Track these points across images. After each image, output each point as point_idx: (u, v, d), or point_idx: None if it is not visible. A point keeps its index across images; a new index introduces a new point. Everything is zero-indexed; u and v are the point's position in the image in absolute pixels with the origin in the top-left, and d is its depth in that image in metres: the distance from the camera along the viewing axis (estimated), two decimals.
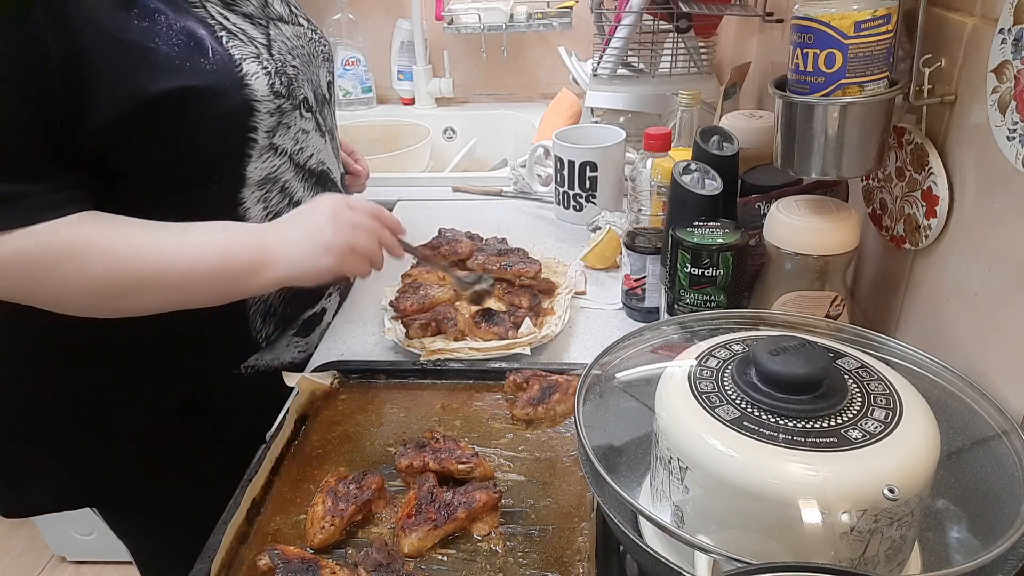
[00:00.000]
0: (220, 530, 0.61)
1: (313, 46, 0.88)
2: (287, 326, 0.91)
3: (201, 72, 0.70)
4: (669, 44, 1.36)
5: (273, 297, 0.87)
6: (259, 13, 0.80)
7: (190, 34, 0.70)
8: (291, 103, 0.80)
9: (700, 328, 0.64)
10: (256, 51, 0.76)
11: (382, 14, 1.89)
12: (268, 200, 0.81)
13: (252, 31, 0.78)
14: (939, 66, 0.62)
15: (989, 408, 0.52)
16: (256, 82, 0.74)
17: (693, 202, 0.78)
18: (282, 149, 0.81)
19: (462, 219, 1.25)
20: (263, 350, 0.89)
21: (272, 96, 0.76)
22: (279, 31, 0.82)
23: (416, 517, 0.62)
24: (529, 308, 0.92)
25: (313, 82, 0.86)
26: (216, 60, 0.71)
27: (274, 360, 0.91)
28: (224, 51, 0.73)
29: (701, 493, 0.46)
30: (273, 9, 0.83)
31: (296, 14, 0.88)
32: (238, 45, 0.75)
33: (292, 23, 0.85)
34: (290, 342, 0.92)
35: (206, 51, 0.71)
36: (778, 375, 0.46)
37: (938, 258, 0.66)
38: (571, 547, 0.61)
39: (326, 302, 0.97)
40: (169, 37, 0.69)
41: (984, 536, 0.46)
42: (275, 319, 0.89)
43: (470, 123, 1.86)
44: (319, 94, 0.88)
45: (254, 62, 0.75)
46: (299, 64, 0.82)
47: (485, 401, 0.80)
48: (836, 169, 0.68)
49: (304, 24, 0.88)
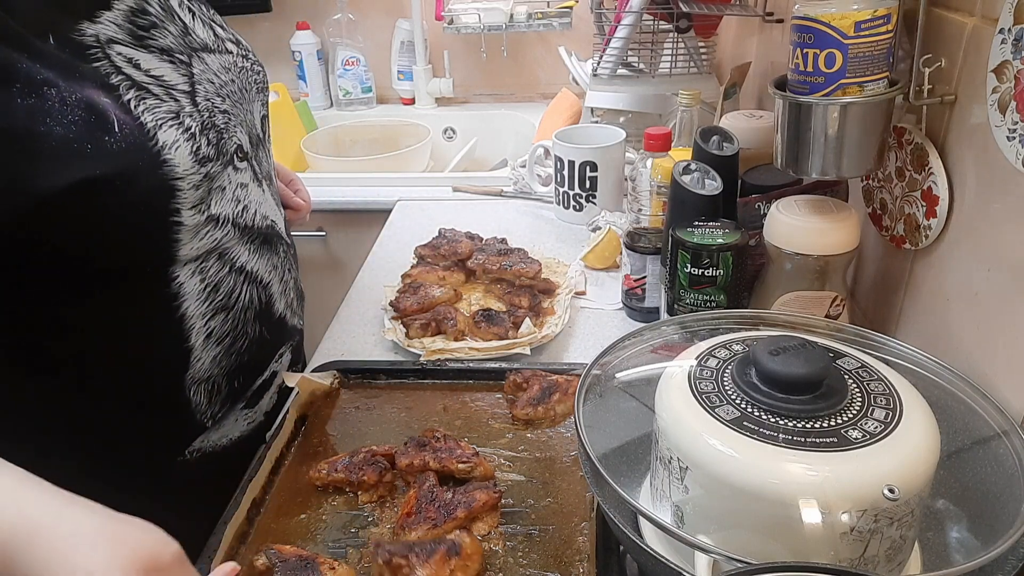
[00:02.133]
0: (220, 530, 0.61)
1: (245, 77, 0.76)
2: (235, 401, 0.80)
3: (106, 155, 0.58)
4: (669, 44, 1.36)
5: (216, 375, 0.76)
6: (178, 45, 0.68)
7: (89, 106, 0.58)
8: (221, 162, 0.69)
9: (700, 328, 0.64)
10: (175, 107, 0.65)
11: (382, 14, 1.89)
12: (205, 272, 0.71)
13: (170, 75, 0.66)
14: (939, 66, 0.62)
15: (989, 408, 0.52)
16: (176, 154, 0.63)
17: (693, 202, 0.78)
18: (223, 217, 0.70)
19: (462, 219, 1.25)
20: (209, 430, 0.78)
21: (197, 165, 0.65)
22: (204, 67, 0.70)
23: (416, 516, 0.62)
24: (529, 308, 0.92)
25: (248, 123, 0.75)
26: (124, 136, 0.59)
27: (222, 439, 0.80)
28: (133, 121, 0.61)
29: (701, 493, 0.46)
30: (195, 37, 0.71)
31: (222, 39, 0.75)
32: (152, 107, 0.63)
33: (219, 51, 0.73)
34: (238, 416, 0.81)
35: (110, 126, 0.59)
36: (778, 375, 0.46)
37: (938, 258, 0.66)
38: (571, 547, 0.61)
39: (276, 364, 0.86)
40: (63, 115, 0.56)
41: (984, 536, 0.46)
42: (220, 397, 0.78)
43: (470, 123, 1.86)
44: (254, 136, 0.77)
45: (173, 125, 0.63)
46: (230, 106, 0.72)
47: (485, 401, 0.79)
48: (836, 169, 0.68)
49: (233, 50, 0.76)
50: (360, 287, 1.07)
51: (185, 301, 0.70)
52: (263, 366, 0.84)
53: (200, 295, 0.72)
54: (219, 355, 0.75)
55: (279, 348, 0.86)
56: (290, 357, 0.90)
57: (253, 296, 0.78)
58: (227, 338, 0.76)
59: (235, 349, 0.77)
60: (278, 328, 0.84)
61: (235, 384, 0.79)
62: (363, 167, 1.57)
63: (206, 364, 0.74)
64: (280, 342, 0.86)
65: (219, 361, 0.76)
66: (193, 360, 0.73)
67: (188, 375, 0.73)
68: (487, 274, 0.99)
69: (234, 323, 0.76)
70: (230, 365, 0.78)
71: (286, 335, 0.87)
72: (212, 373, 0.76)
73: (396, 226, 1.29)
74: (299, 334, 0.92)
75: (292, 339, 0.89)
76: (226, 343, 0.76)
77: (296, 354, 0.92)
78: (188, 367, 0.73)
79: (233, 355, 0.77)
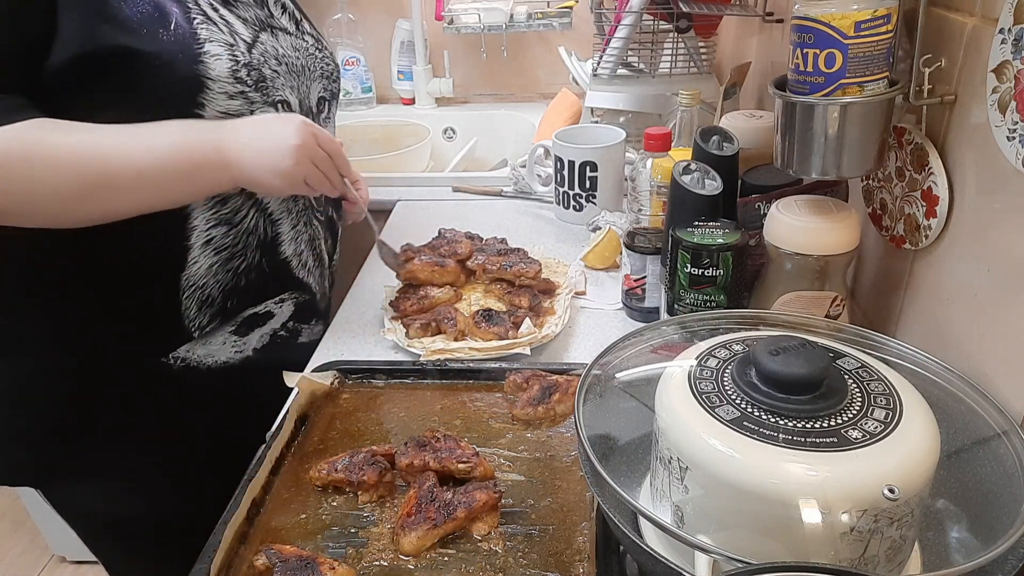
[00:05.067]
0: (220, 530, 0.61)
1: (312, 61, 0.87)
2: (224, 320, 0.86)
3: (155, 41, 0.70)
4: (669, 44, 1.36)
5: (211, 285, 0.82)
6: (254, 18, 0.81)
7: (157, 5, 0.71)
8: (262, 96, 0.79)
9: (700, 328, 0.64)
10: (231, 41, 0.76)
11: (382, 14, 1.89)
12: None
13: (238, 26, 0.78)
14: (939, 66, 0.62)
15: (989, 408, 0.52)
16: (215, 62, 0.74)
17: (693, 202, 0.78)
18: None
19: (462, 219, 1.25)
20: (195, 341, 0.84)
21: (232, 79, 0.75)
22: (273, 40, 0.82)
23: (416, 516, 0.62)
24: (529, 308, 0.92)
25: (300, 92, 0.85)
26: (176, 34, 0.72)
27: (206, 356, 0.86)
28: (189, 28, 0.73)
29: (701, 493, 0.46)
30: (276, 21, 0.84)
31: (304, 31, 0.88)
32: (211, 32, 0.75)
33: (295, 36, 0.85)
34: (226, 339, 0.87)
35: (168, 24, 0.71)
36: (778, 375, 0.46)
37: (938, 258, 0.66)
38: (571, 547, 0.61)
39: (275, 307, 0.91)
40: (136, 3, 0.70)
41: (984, 536, 0.46)
42: (211, 310, 0.84)
43: (470, 123, 1.86)
44: (305, 106, 0.87)
45: (223, 47, 0.75)
46: (283, 71, 0.82)
47: (485, 401, 0.80)
48: (836, 169, 0.68)
49: (309, 40, 0.88)
50: (360, 287, 1.07)
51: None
52: (259, 298, 0.89)
53: (207, 201, 0.79)
54: (216, 265, 0.81)
55: (280, 291, 0.91)
56: (293, 309, 0.94)
57: (258, 223, 0.84)
58: (225, 251, 0.82)
59: (232, 267, 0.83)
60: (281, 269, 0.89)
61: (228, 305, 0.85)
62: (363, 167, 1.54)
63: (202, 269, 0.81)
64: (282, 286, 0.91)
65: (215, 273, 0.82)
66: (190, 262, 0.80)
67: (184, 276, 0.80)
68: (487, 274, 0.99)
69: (234, 240, 0.82)
70: (226, 281, 0.84)
71: (290, 282, 0.92)
72: (207, 282, 0.82)
73: (396, 226, 1.29)
74: (309, 293, 0.96)
75: (298, 291, 0.93)
76: (224, 256, 0.82)
77: (304, 314, 0.96)
78: (184, 267, 0.79)
79: (230, 272, 0.83)
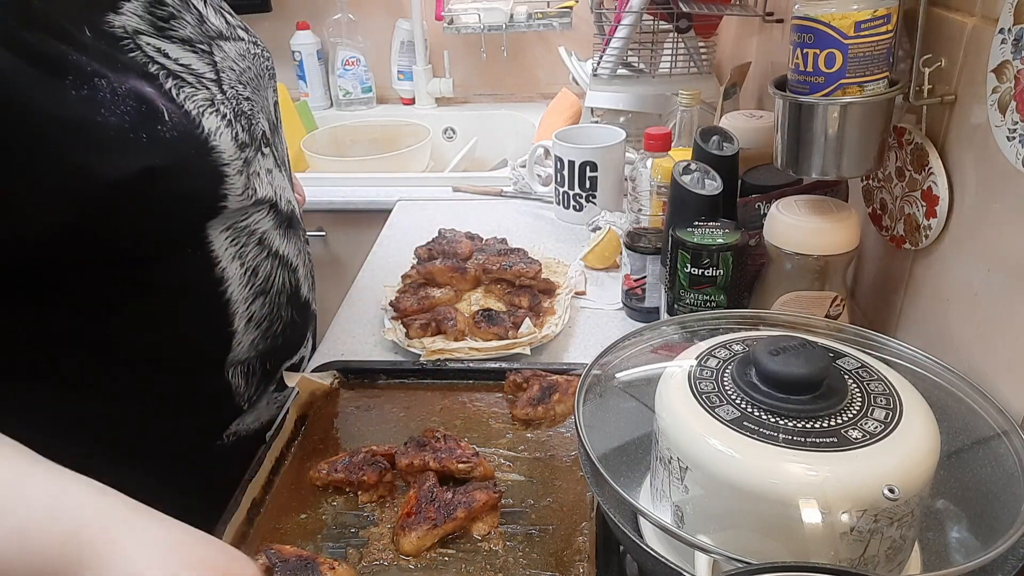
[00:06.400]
0: (220, 530, 0.61)
1: (259, 64, 0.76)
2: (268, 383, 0.82)
3: (160, 144, 0.59)
4: (669, 44, 1.36)
5: (251, 356, 0.78)
6: (197, 34, 0.68)
7: (138, 97, 0.59)
8: (254, 148, 0.70)
9: (700, 328, 0.64)
10: (209, 95, 0.65)
11: (382, 14, 1.89)
12: (244, 256, 0.73)
13: (197, 64, 0.66)
14: (939, 66, 0.62)
15: (989, 408, 0.52)
16: (221, 140, 0.64)
17: (693, 202, 0.78)
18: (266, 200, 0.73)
19: (462, 219, 1.25)
20: (245, 413, 0.80)
21: (238, 151, 0.66)
22: (224, 55, 0.70)
23: (416, 516, 0.62)
24: (529, 308, 0.92)
25: (266, 110, 0.76)
26: (175, 125, 0.60)
27: (255, 422, 0.82)
28: (179, 110, 0.61)
29: (701, 493, 0.46)
30: (211, 25, 0.71)
31: (233, 26, 0.75)
32: (190, 95, 0.63)
33: (233, 39, 0.73)
34: (270, 400, 0.83)
35: (160, 115, 0.60)
36: (778, 375, 0.46)
37: (938, 258, 0.66)
38: (571, 547, 0.61)
39: (304, 350, 0.88)
40: (115, 105, 0.57)
41: (984, 536, 0.46)
42: (256, 379, 0.80)
43: (470, 123, 1.86)
44: (271, 121, 0.78)
45: (212, 112, 0.64)
46: (251, 93, 0.72)
47: (485, 401, 0.79)
48: (836, 169, 0.68)
49: (244, 37, 0.76)
50: (360, 287, 1.07)
51: (230, 286, 0.71)
52: (293, 350, 0.85)
53: (242, 279, 0.73)
54: (256, 339, 0.77)
55: (306, 332, 0.88)
56: (311, 340, 0.92)
57: (285, 280, 0.80)
58: (264, 321, 0.78)
59: (271, 332, 0.79)
60: (304, 311, 0.86)
61: (267, 366, 0.81)
62: (363, 167, 1.57)
63: (245, 347, 0.76)
64: (307, 326, 0.88)
65: (256, 344, 0.77)
66: (235, 344, 0.75)
67: (229, 358, 0.75)
68: (487, 274, 0.99)
69: (271, 307, 0.78)
70: (265, 348, 0.79)
71: (309, 318, 0.89)
72: (249, 356, 0.77)
73: (396, 226, 1.29)
74: (315, 319, 0.94)
75: (313, 323, 0.92)
76: (263, 326, 0.78)
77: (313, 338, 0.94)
78: (230, 350, 0.75)
79: (268, 338, 0.79)
